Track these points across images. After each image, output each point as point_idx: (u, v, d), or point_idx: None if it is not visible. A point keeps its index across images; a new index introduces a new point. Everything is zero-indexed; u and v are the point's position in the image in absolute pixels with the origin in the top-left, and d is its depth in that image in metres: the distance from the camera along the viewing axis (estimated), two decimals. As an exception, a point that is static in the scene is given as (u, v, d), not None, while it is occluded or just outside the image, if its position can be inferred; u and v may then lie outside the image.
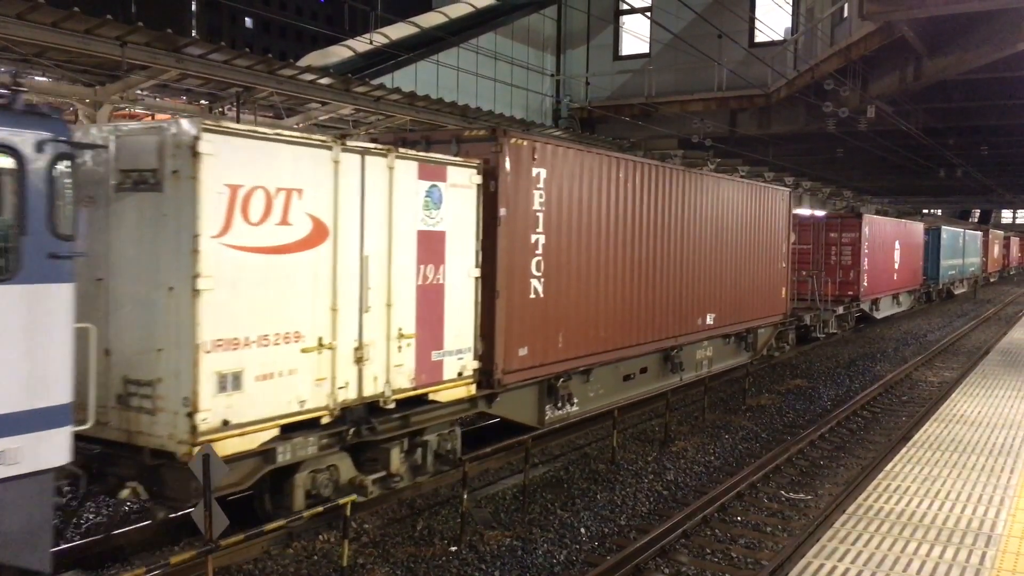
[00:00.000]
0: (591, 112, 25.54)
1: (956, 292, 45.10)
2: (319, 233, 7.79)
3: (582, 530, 9.22)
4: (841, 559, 5.68)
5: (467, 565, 8.21)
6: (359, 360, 8.28)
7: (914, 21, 15.83)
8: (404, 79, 19.81)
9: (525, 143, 10.55)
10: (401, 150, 8.78)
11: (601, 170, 12.25)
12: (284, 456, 7.61)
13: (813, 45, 21.70)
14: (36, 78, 10.98)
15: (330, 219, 7.91)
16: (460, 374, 9.70)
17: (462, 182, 9.57)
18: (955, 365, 21.70)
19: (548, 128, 21.50)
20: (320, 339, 7.83)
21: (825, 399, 16.87)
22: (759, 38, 23.86)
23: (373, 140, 10.22)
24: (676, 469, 11.63)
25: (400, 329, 8.79)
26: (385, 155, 8.51)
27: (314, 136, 7.80)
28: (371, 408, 8.63)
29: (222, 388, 6.88)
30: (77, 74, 11.20)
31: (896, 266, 30.71)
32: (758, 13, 24.17)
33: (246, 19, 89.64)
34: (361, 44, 20.04)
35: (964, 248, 45.51)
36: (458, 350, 9.65)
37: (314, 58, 19.41)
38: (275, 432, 7.48)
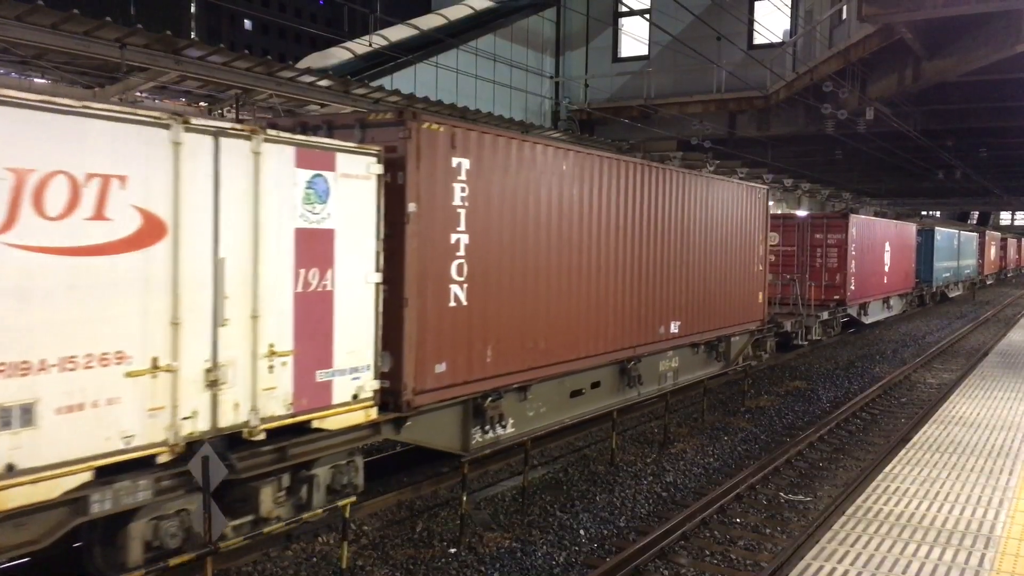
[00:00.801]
0: (590, 114, 25.55)
1: (951, 295, 44.04)
2: (152, 230, 6.40)
3: (581, 532, 9.22)
4: (840, 561, 5.68)
5: (466, 567, 8.21)
6: (213, 384, 6.81)
7: (912, 23, 15.85)
8: (403, 81, 19.82)
9: (441, 129, 9.16)
10: (271, 132, 7.34)
11: (540, 161, 10.86)
12: (101, 505, 6.17)
13: (812, 47, 21.72)
14: (36, 80, 10.99)
15: (168, 214, 6.50)
16: (356, 396, 8.20)
17: (356, 172, 8.18)
18: (954, 367, 21.71)
19: (547, 130, 21.49)
20: (155, 360, 6.41)
21: (824, 401, 16.88)
22: (758, 40, 23.87)
23: (272, 125, 8.88)
24: (675, 471, 11.63)
25: (272, 345, 7.32)
26: (248, 137, 7.06)
27: (142, 111, 6.42)
28: (233, 441, 7.15)
29: (4, 425, 5.57)
30: (76, 76, 11.22)
31: (886, 268, 29.52)
32: (757, 15, 24.19)
33: (245, 21, 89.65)
34: (360, 46, 20.05)
35: (959, 250, 44.32)
36: (353, 368, 8.17)
37: (313, 60, 19.42)
38: (87, 476, 6.04)
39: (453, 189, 9.36)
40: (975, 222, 77.65)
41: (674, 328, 14.28)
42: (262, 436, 7.26)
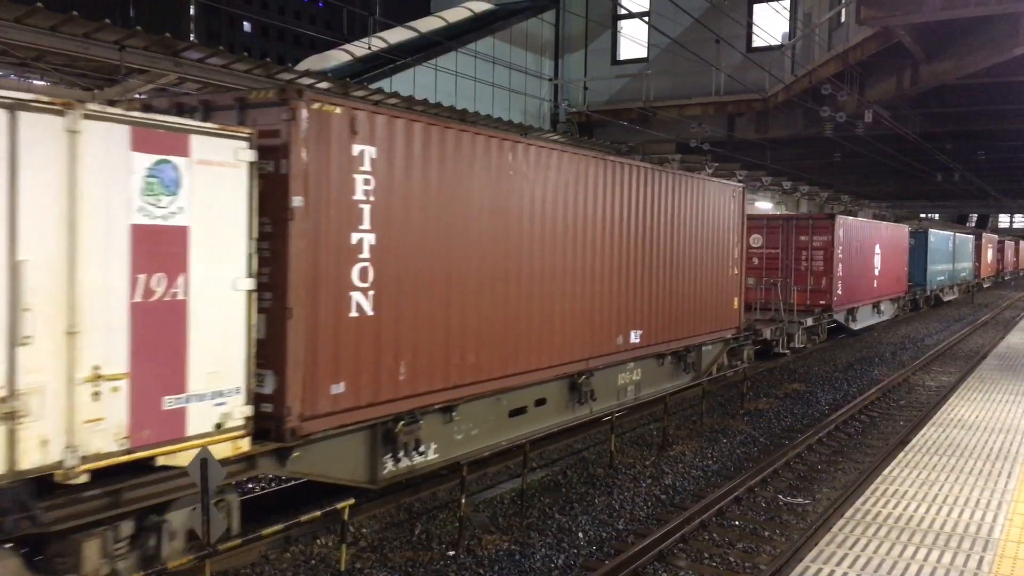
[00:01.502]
0: (589, 116, 25.59)
1: (946, 299, 42.82)
2: None
3: (580, 534, 9.22)
4: (839, 563, 5.68)
5: (465, 569, 8.20)
6: (8, 417, 5.58)
7: (911, 26, 15.87)
8: (402, 83, 19.84)
9: (337, 111, 7.95)
10: (93, 107, 6.09)
11: (465, 150, 9.61)
12: None
13: (810, 50, 21.73)
14: (35, 82, 11.00)
15: None
16: (221, 426, 6.90)
17: (220, 158, 6.89)
18: (952, 369, 21.72)
19: (547, 132, 21.51)
20: None
21: (823, 403, 16.88)
22: (757, 43, 23.90)
23: (147, 107, 8.05)
24: (674, 473, 11.63)
25: (97, 368, 6.02)
26: (60, 113, 5.81)
27: None
28: (44, 485, 5.91)
29: None
30: (75, 78, 11.22)
31: (876, 272, 28.30)
32: (756, 18, 24.23)
33: (244, 23, 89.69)
34: (359, 48, 20.06)
35: (954, 252, 43.22)
36: (216, 393, 6.86)
37: (312, 62, 19.44)
38: None
39: (354, 181, 8.16)
40: (974, 225, 77.68)
41: (635, 338, 13.13)
42: (84, 478, 5.96)
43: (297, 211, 7.49)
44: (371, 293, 8.38)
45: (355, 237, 8.20)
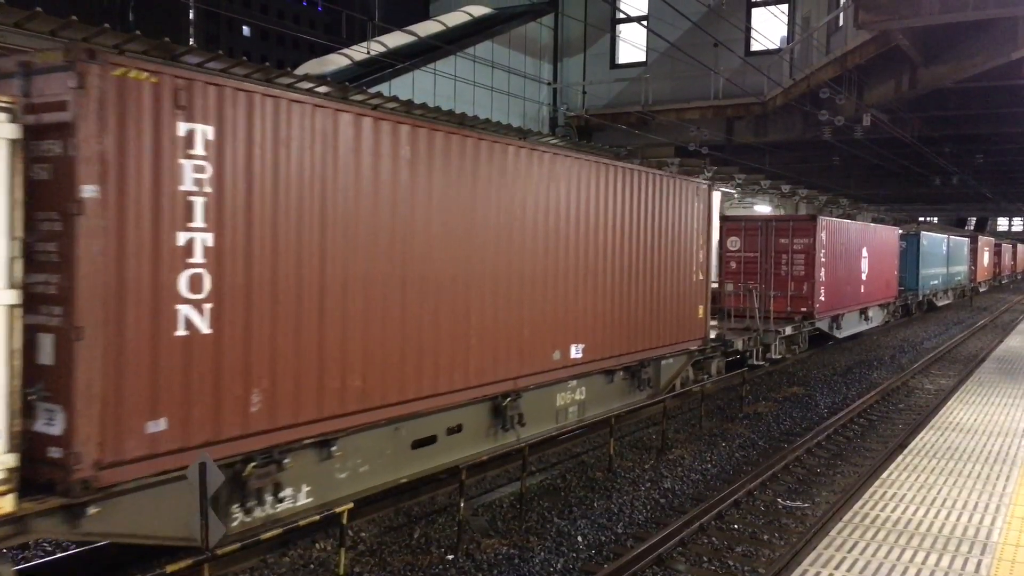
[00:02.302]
0: (588, 121, 25.60)
1: (939, 304, 41.54)
2: None
3: (579, 538, 9.21)
4: (838, 567, 5.68)
5: (464, 573, 8.20)
6: None
7: (909, 30, 15.89)
8: (401, 88, 19.85)
9: (151, 79, 6.44)
10: None
11: (345, 135, 8.14)
12: None
13: (809, 54, 21.77)
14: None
15: None
16: None
17: None
18: (951, 373, 21.73)
19: (545, 136, 21.53)
20: None
21: (822, 406, 16.88)
22: (755, 47, 23.94)
23: None
24: (673, 477, 11.63)
25: None
26: None
27: None
28: None
29: None
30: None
31: (864, 276, 26.90)
32: (754, 22, 24.26)
33: (244, 28, 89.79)
34: (358, 53, 20.09)
35: (948, 256, 41.93)
36: None
37: (312, 66, 19.46)
38: None
39: (181, 168, 6.68)
40: (972, 228, 77.67)
41: (576, 353, 11.75)
42: None
43: (89, 203, 6.00)
44: (207, 307, 6.90)
45: (183, 237, 6.71)
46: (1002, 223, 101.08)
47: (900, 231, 33.70)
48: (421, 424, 9.41)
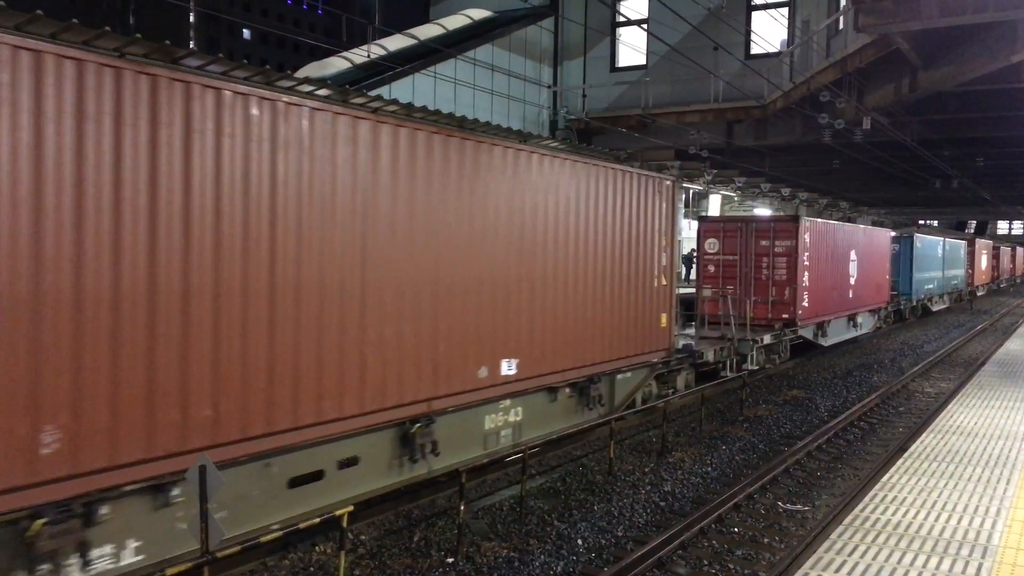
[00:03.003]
0: (588, 124, 25.63)
1: (935, 309, 39.89)
2: None
3: (579, 541, 9.20)
4: (838, 571, 5.67)
5: (464, 577, 8.19)
6: None
7: (909, 33, 15.91)
8: (401, 91, 19.88)
9: None
10: None
11: (183, 111, 6.83)
12: None
13: (809, 57, 21.80)
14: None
15: None
16: None
17: None
18: (952, 376, 21.72)
19: (546, 139, 21.56)
20: None
21: (822, 410, 16.87)
22: (755, 50, 23.97)
23: None
24: (673, 480, 11.62)
25: None
26: None
27: None
28: None
29: None
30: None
31: (852, 281, 25.39)
32: (754, 25, 24.30)
33: (244, 31, 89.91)
34: (359, 56, 20.11)
35: (944, 259, 40.47)
36: None
37: (312, 70, 19.48)
38: None
39: None
40: (973, 231, 77.65)
41: (509, 369, 10.44)
42: None
43: None
44: None
45: None
46: (1002, 226, 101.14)
47: (893, 233, 32.24)
48: (302, 458, 7.94)
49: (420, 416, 9.15)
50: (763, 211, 35.45)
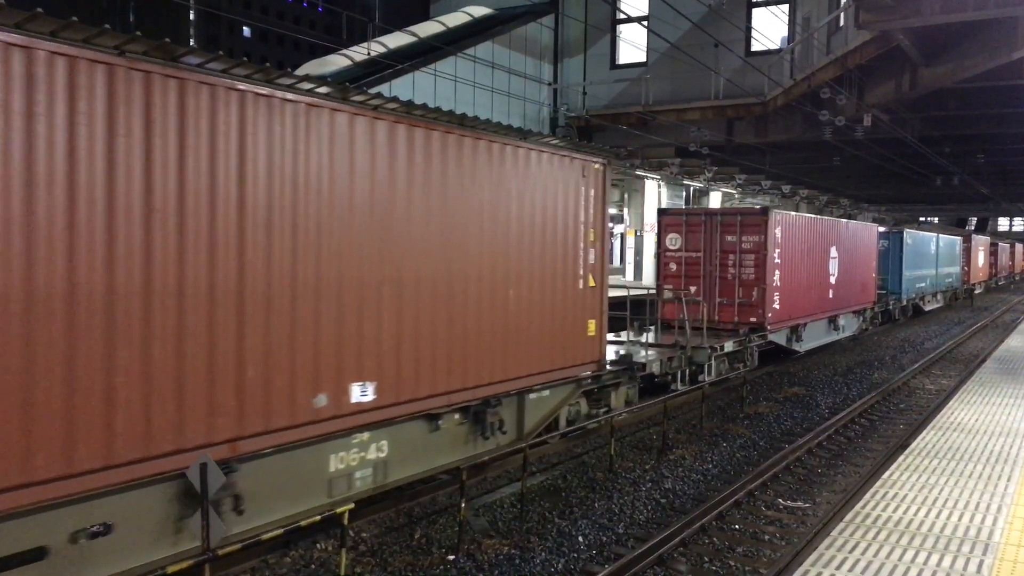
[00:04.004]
0: (588, 121, 25.63)
1: (927, 308, 37.83)
2: None
3: (580, 538, 9.21)
4: (839, 567, 5.67)
5: (465, 574, 8.19)
6: None
7: (909, 30, 15.91)
8: (402, 88, 19.87)
9: None
10: None
11: None
12: None
13: (809, 54, 21.79)
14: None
15: None
16: None
17: None
18: (952, 373, 21.72)
19: (546, 136, 21.55)
20: None
21: (823, 407, 16.87)
22: (755, 47, 23.98)
23: None
24: (674, 477, 11.62)
25: None
26: None
27: None
28: None
29: None
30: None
31: (832, 280, 23.17)
32: (754, 22, 24.28)
33: (244, 28, 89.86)
34: (359, 53, 20.11)
35: (938, 256, 38.36)
36: None
37: (312, 67, 19.48)
38: None
39: None
40: (973, 228, 77.57)
41: (362, 394, 8.37)
42: None
43: None
44: None
45: None
46: (1003, 223, 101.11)
47: (880, 228, 29.90)
48: (9, 530, 5.74)
49: (223, 461, 6.93)
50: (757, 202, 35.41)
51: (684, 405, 16.09)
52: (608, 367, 12.84)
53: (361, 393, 8.42)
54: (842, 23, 20.00)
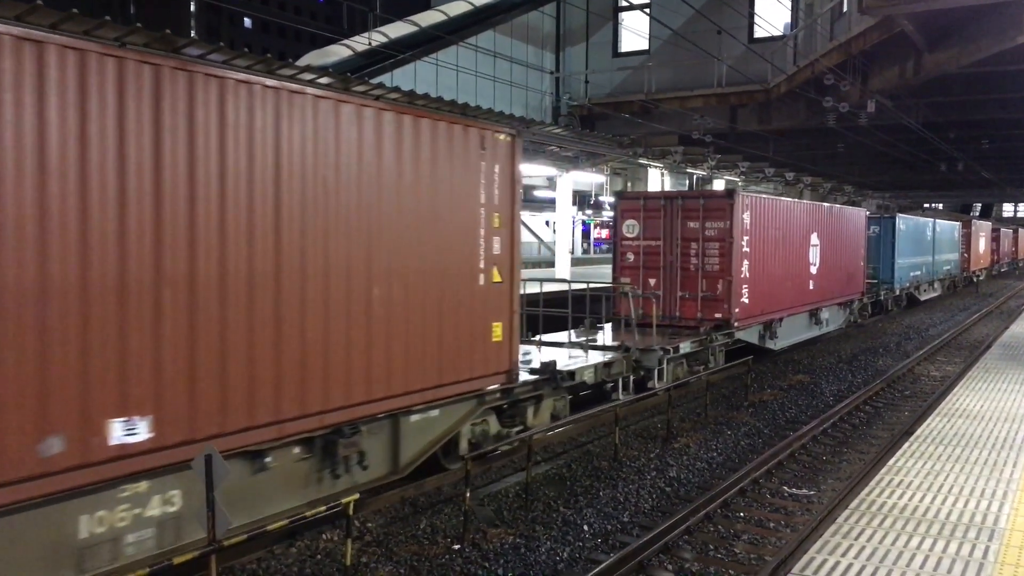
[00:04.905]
0: (591, 110, 25.54)
1: (923, 298, 35.78)
2: None
3: (585, 527, 9.22)
4: (844, 554, 5.67)
5: (470, 563, 8.22)
6: None
7: (913, 15, 15.81)
8: (403, 78, 19.82)
9: None
10: None
11: None
12: None
13: (813, 40, 21.68)
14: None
15: None
16: None
17: None
18: (957, 359, 21.69)
19: (548, 125, 21.48)
20: None
21: (827, 394, 16.86)
22: (758, 34, 23.85)
23: None
24: (679, 465, 11.63)
25: None
26: None
27: None
28: None
29: None
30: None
31: (813, 270, 21.28)
32: (757, 9, 24.15)
33: (245, 19, 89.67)
34: (360, 44, 20.03)
35: (935, 242, 36.64)
36: None
37: (313, 58, 19.40)
38: None
39: None
40: (978, 214, 77.23)
41: (126, 433, 6.46)
42: None
43: None
44: None
45: None
46: (1008, 209, 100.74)
47: (867, 213, 27.76)
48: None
49: None
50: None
51: (689, 394, 16.08)
52: (526, 377, 11.19)
53: (126, 431, 6.44)
54: (845, 9, 19.89)
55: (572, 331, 15.53)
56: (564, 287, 16.15)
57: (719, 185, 31.72)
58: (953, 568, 5.47)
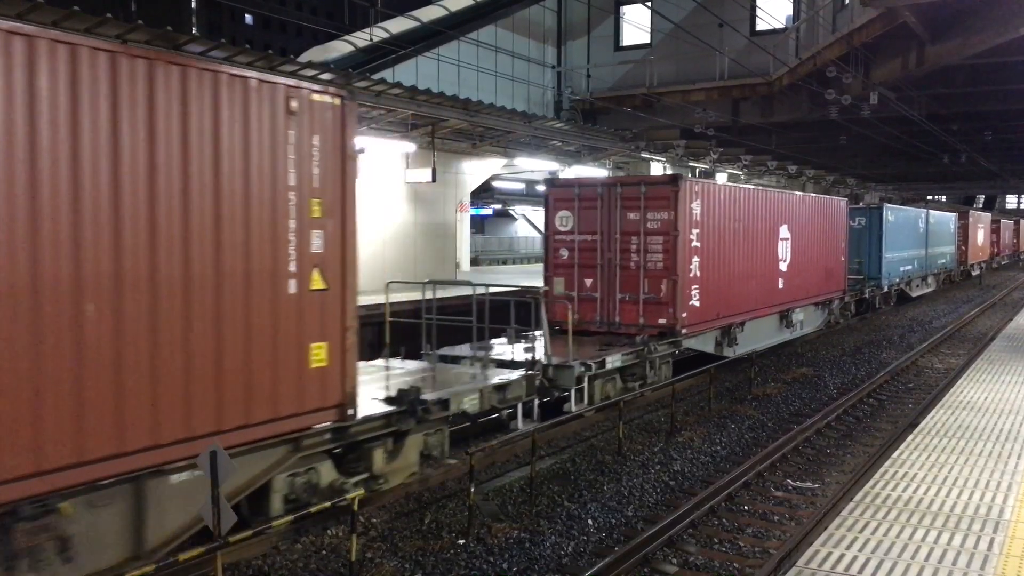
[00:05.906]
0: (593, 104, 25.52)
1: (915, 293, 33.72)
2: None
3: (589, 521, 9.23)
4: (849, 547, 5.68)
5: (475, 558, 8.23)
6: None
7: (915, 6, 15.78)
8: (405, 74, 19.81)
9: None
10: None
11: None
12: None
13: (815, 32, 21.64)
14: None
15: None
16: None
17: None
18: (961, 351, 21.67)
19: (550, 120, 21.46)
20: None
21: (831, 387, 16.86)
22: (760, 26, 23.79)
23: None
24: (683, 459, 11.64)
25: None
26: None
27: None
28: None
29: None
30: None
31: (783, 267, 18.94)
32: (759, 1, 24.10)
33: (246, 16, 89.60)
34: (361, 39, 20.01)
35: (928, 234, 34.37)
36: None
37: (314, 54, 19.39)
38: None
39: None
40: (981, 206, 77.00)
41: None
42: None
43: None
44: None
45: None
46: (1011, 201, 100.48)
47: (845, 200, 24.70)
48: None
49: None
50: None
51: (692, 388, 16.08)
52: (373, 411, 8.76)
53: None
54: (847, 0, 19.85)
55: (470, 344, 12.65)
56: (481, 291, 12.53)
57: (721, 177, 31.65)
58: (958, 560, 5.46)
